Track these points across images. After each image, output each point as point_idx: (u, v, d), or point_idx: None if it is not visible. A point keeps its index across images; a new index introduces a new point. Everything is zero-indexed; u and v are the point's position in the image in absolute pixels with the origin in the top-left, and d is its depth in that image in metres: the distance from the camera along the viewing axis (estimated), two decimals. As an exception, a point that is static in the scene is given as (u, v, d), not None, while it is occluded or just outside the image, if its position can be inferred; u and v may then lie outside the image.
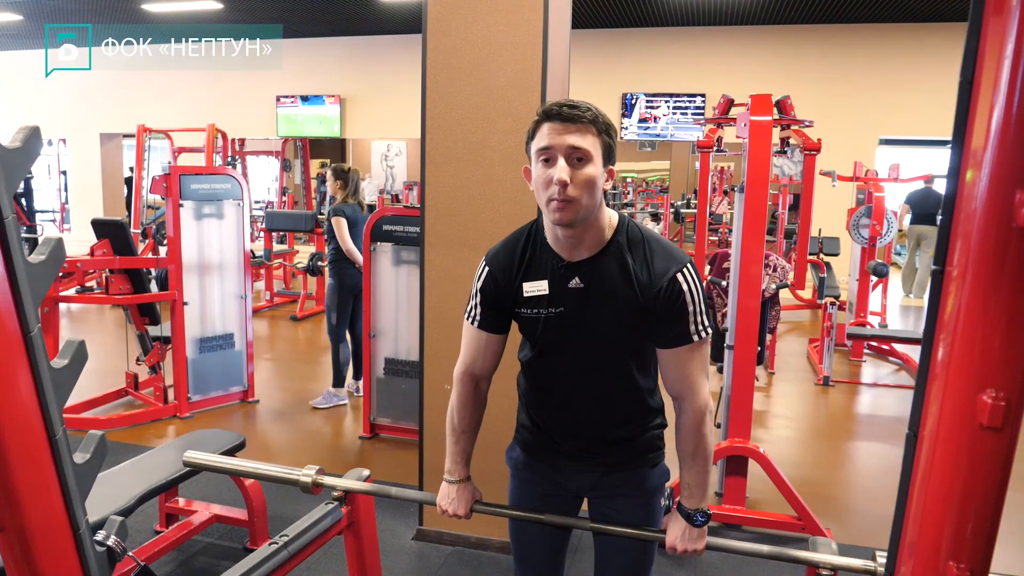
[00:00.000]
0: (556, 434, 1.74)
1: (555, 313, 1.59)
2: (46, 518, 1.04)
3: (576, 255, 1.57)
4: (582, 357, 1.62)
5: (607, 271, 1.56)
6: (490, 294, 1.67)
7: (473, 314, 1.71)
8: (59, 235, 2.98)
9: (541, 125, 1.51)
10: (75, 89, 13.21)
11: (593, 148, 1.48)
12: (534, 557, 1.88)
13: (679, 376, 1.59)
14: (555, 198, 1.46)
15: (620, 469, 1.73)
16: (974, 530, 0.79)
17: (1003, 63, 0.70)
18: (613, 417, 1.69)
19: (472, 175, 2.91)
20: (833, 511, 3.55)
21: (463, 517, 1.79)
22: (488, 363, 1.73)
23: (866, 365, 6.42)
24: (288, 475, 2.01)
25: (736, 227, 3.33)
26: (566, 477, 1.77)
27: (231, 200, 4.85)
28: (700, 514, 1.65)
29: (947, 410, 0.78)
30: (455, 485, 1.77)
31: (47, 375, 1.01)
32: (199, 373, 4.76)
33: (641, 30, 11.20)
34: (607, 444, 1.71)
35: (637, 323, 1.56)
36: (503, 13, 2.79)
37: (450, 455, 1.78)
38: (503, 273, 1.65)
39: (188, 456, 2.12)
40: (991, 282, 0.73)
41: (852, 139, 10.10)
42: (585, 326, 1.58)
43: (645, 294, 1.53)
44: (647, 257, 1.55)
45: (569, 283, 1.58)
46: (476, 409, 1.77)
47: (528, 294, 1.61)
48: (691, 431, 1.61)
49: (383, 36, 12.13)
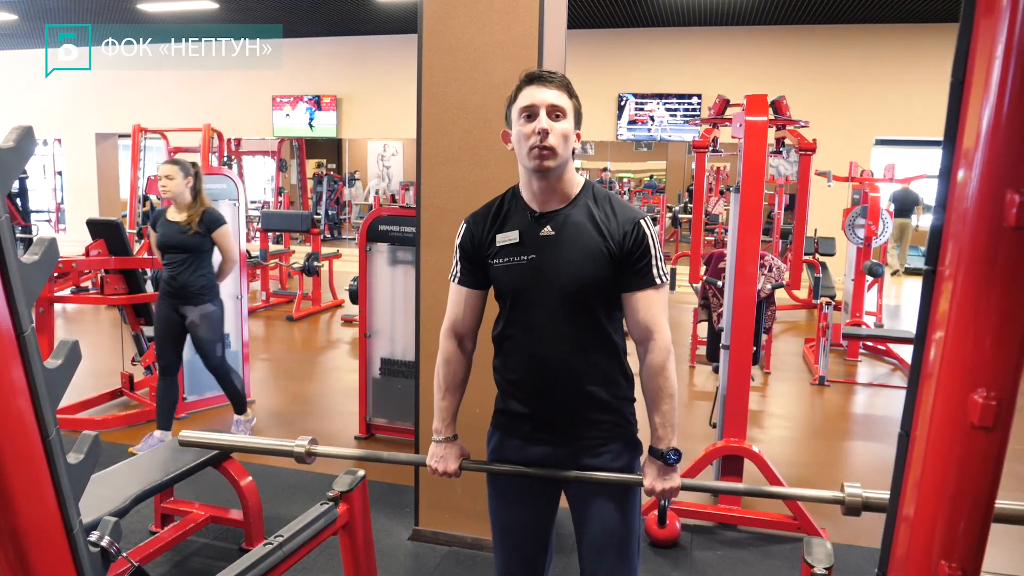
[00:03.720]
0: (534, 402, 1.79)
1: (527, 260, 1.73)
2: (39, 519, 1.04)
3: (547, 206, 1.74)
4: (554, 303, 1.72)
5: (576, 219, 1.72)
6: (468, 249, 1.82)
7: (454, 271, 1.85)
8: (53, 235, 2.96)
9: (523, 88, 1.70)
10: (71, 89, 13.19)
11: (568, 107, 1.70)
12: (519, 542, 1.88)
13: (644, 318, 1.72)
14: (536, 145, 1.65)
15: (596, 442, 1.78)
16: (966, 529, 0.79)
17: (994, 63, 0.70)
18: (583, 370, 1.74)
19: (468, 175, 2.91)
20: (828, 511, 3.55)
21: (453, 474, 1.85)
22: (469, 319, 1.85)
23: (861, 365, 6.43)
24: (281, 447, 2.07)
25: (732, 227, 3.34)
26: (543, 448, 1.80)
27: (227, 200, 4.84)
28: (672, 452, 1.72)
29: (939, 410, 0.78)
30: (443, 444, 1.85)
31: (41, 375, 1.01)
32: (194, 374, 4.74)
33: (637, 30, 11.21)
34: (583, 407, 1.76)
35: (604, 267, 1.70)
36: (499, 13, 2.79)
37: (437, 413, 1.86)
38: (478, 227, 1.81)
39: (183, 436, 2.19)
40: (982, 282, 0.73)
41: (848, 139, 10.12)
42: (556, 270, 1.71)
43: (613, 238, 1.70)
44: (612, 209, 1.74)
45: (541, 231, 1.73)
46: (460, 367, 1.86)
47: (500, 244, 1.76)
48: (657, 370, 1.71)
49: (379, 36, 12.13)
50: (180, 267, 3.95)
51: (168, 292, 3.98)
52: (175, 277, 3.95)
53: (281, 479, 3.76)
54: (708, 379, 5.86)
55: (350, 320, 7.56)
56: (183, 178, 3.95)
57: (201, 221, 3.94)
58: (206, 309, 4.00)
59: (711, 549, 3.18)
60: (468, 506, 3.10)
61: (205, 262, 4.02)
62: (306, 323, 7.86)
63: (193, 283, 3.95)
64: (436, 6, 2.85)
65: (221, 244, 4.05)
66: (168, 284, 3.98)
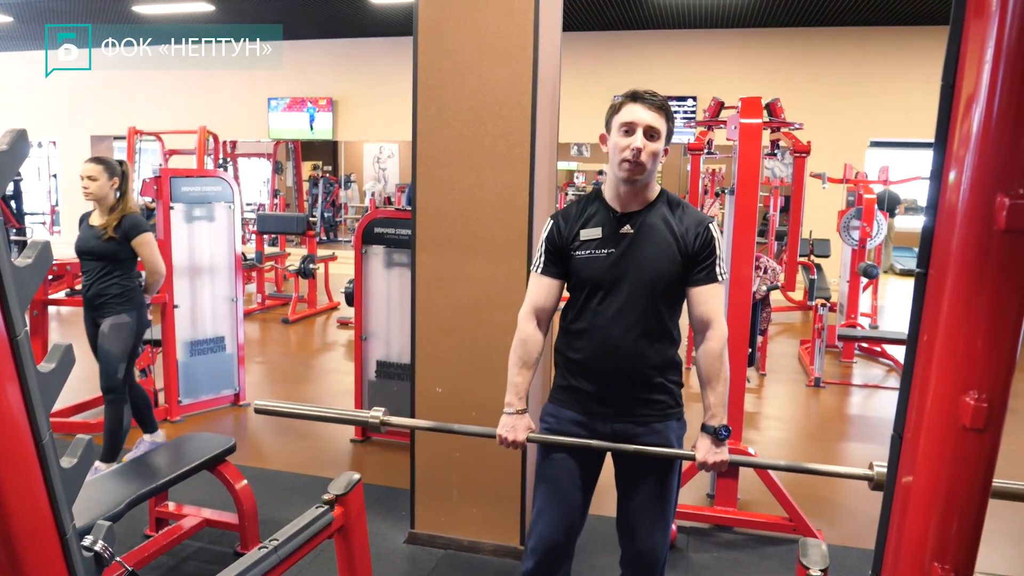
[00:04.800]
0: (599, 379, 1.98)
1: (606, 253, 1.95)
2: (32, 523, 1.04)
3: (628, 208, 1.97)
4: (627, 292, 1.93)
5: (652, 220, 1.96)
6: (554, 241, 2.03)
7: (537, 263, 2.06)
8: (47, 238, 2.95)
9: (627, 103, 1.92)
10: (66, 91, 13.16)
11: (663, 129, 1.91)
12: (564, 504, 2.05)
13: (706, 310, 1.94)
14: (628, 159, 1.88)
15: (649, 419, 1.99)
16: (958, 530, 0.79)
17: (983, 67, 0.71)
18: (647, 354, 1.95)
19: (463, 178, 2.91)
20: (824, 512, 3.56)
21: (520, 444, 2.01)
22: (549, 304, 2.05)
23: (857, 366, 6.44)
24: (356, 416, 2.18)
25: (727, 229, 3.34)
26: (601, 422, 2.00)
27: (222, 203, 4.83)
28: (724, 429, 1.92)
29: (930, 412, 0.78)
30: (513, 416, 2.02)
31: (34, 379, 1.00)
32: (190, 376, 4.74)
33: (632, 32, 11.23)
34: (642, 387, 1.97)
35: (674, 264, 1.93)
36: (494, 16, 2.79)
37: (511, 388, 2.03)
38: (565, 223, 2.03)
39: (258, 404, 2.23)
40: (973, 285, 0.74)
41: (842, 141, 10.15)
42: (631, 264, 1.93)
43: (684, 239, 1.93)
44: (684, 213, 1.98)
45: (621, 229, 1.96)
46: (536, 347, 2.05)
47: (584, 238, 1.98)
48: (716, 355, 1.93)
49: (375, 38, 12.13)
50: (94, 276, 3.57)
51: (86, 304, 3.62)
52: (89, 286, 3.58)
53: (277, 482, 3.76)
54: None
55: (346, 322, 7.55)
56: (108, 179, 3.55)
57: (118, 227, 3.52)
58: (120, 319, 3.55)
59: (707, 551, 3.18)
60: (464, 509, 3.10)
61: (122, 271, 3.60)
62: (302, 325, 7.85)
63: (107, 291, 3.56)
64: (431, 9, 2.85)
65: (141, 254, 3.61)
66: (84, 295, 3.62)
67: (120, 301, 3.57)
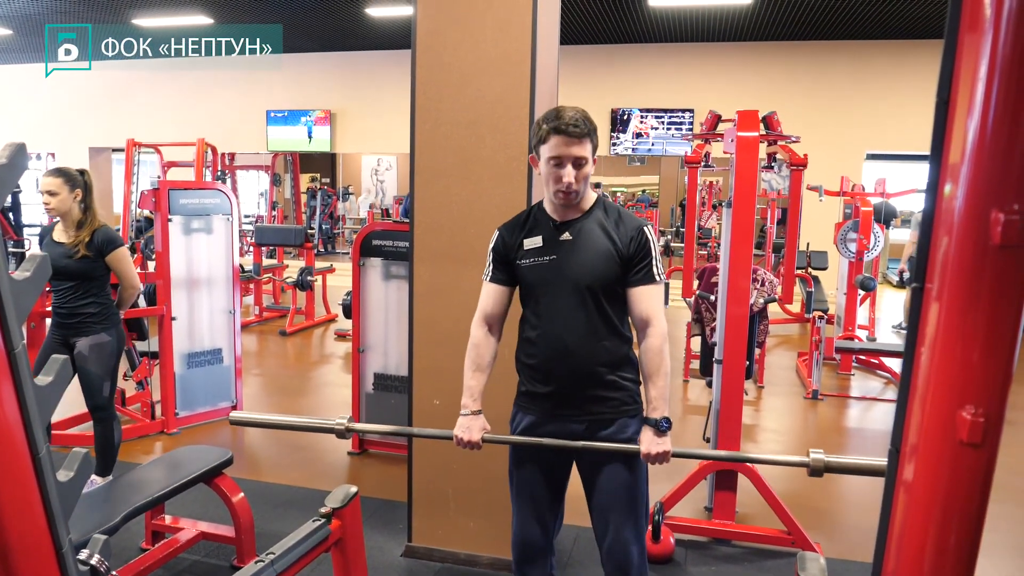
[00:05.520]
0: (552, 381, 2.08)
1: (548, 260, 2.07)
2: (28, 537, 1.03)
3: (566, 217, 2.09)
4: (571, 295, 2.04)
5: (589, 227, 2.07)
6: (499, 251, 2.16)
7: (487, 271, 2.19)
8: (46, 251, 2.93)
9: (551, 136, 1.98)
10: (64, 103, 13.20)
11: (588, 154, 2.01)
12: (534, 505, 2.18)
13: (645, 308, 2.05)
14: (562, 190, 2.01)
15: (606, 417, 2.08)
16: (956, 545, 0.79)
17: (978, 82, 0.71)
18: (596, 352, 2.05)
19: (461, 190, 2.92)
20: (823, 525, 3.55)
21: (476, 445, 2.11)
22: (497, 310, 2.18)
23: (854, 379, 6.44)
24: (322, 424, 2.28)
25: (724, 241, 3.35)
26: (559, 423, 2.09)
27: (220, 215, 4.84)
28: (664, 421, 2.02)
29: (927, 426, 0.79)
30: (469, 417, 2.12)
31: (31, 392, 1.00)
32: (187, 389, 4.73)
33: (629, 46, 11.29)
34: (595, 385, 2.06)
35: (612, 266, 2.03)
36: (491, 30, 2.81)
37: (466, 391, 2.14)
38: (509, 233, 2.15)
39: (235, 416, 2.36)
40: (969, 299, 0.74)
41: (839, 154, 10.19)
42: (572, 269, 2.05)
43: (621, 241, 2.04)
44: (619, 218, 2.09)
45: (560, 237, 2.07)
46: (487, 351, 2.17)
47: (527, 247, 2.10)
48: (656, 351, 2.03)
49: (373, 51, 12.18)
50: (68, 295, 3.42)
51: (57, 323, 3.47)
52: (62, 305, 3.43)
53: (273, 495, 3.74)
54: (701, 393, 5.86)
55: (343, 335, 7.54)
56: (69, 192, 3.38)
57: (91, 243, 3.37)
58: (99, 339, 3.43)
59: (706, 564, 3.17)
60: (462, 522, 3.09)
61: (97, 289, 3.47)
62: (299, 337, 7.84)
63: (83, 310, 3.42)
64: (429, 22, 2.87)
65: (117, 270, 3.50)
66: (56, 313, 3.47)
67: (97, 320, 3.45)
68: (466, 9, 2.83)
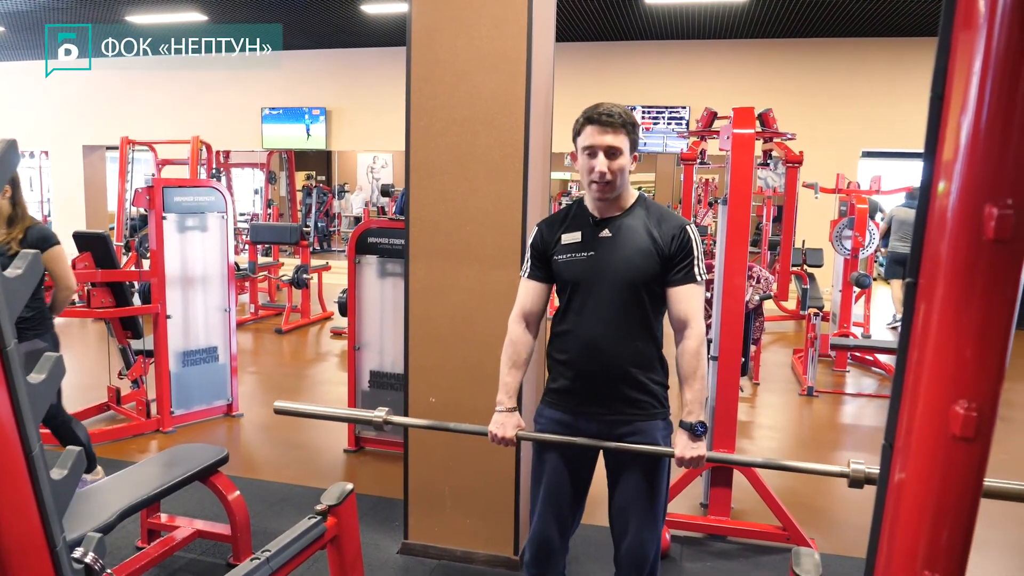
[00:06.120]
0: (583, 379, 2.05)
1: (586, 256, 2.04)
2: (22, 536, 1.03)
3: (607, 214, 2.07)
4: (607, 293, 2.01)
5: (629, 224, 2.04)
6: (538, 247, 2.14)
7: (525, 268, 2.18)
8: (37, 250, 2.89)
9: (585, 127, 1.99)
10: (58, 102, 13.14)
11: (623, 145, 1.98)
12: (558, 502, 2.14)
13: (684, 309, 2.01)
14: (596, 181, 1.98)
15: (634, 418, 2.05)
16: (948, 539, 0.79)
17: (971, 78, 0.71)
18: (629, 353, 2.02)
19: (457, 188, 2.92)
20: (817, 521, 3.56)
21: (510, 441, 2.09)
22: (536, 307, 2.16)
23: (850, 375, 6.46)
24: (361, 416, 2.31)
25: (720, 239, 3.35)
26: (587, 421, 2.07)
27: (215, 212, 4.83)
28: (700, 425, 1.99)
29: (920, 421, 0.79)
30: (504, 413, 2.10)
31: (24, 390, 1.00)
32: (182, 387, 4.72)
33: (625, 43, 11.28)
34: (625, 385, 2.03)
35: (652, 264, 2.00)
36: (487, 27, 2.80)
37: (502, 387, 2.12)
38: (548, 229, 2.14)
39: (279, 405, 2.33)
40: (963, 294, 0.74)
41: (834, 151, 10.20)
42: (610, 266, 2.02)
43: (662, 239, 2.00)
44: (660, 217, 2.06)
45: (600, 233, 2.05)
46: (525, 348, 2.15)
47: (565, 242, 2.08)
48: (693, 353, 1.99)
49: (368, 48, 12.15)
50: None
51: None
52: None
53: (269, 493, 3.74)
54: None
55: (339, 332, 7.54)
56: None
57: (24, 240, 3.16)
58: (34, 346, 3.19)
59: (701, 560, 3.18)
60: (458, 519, 3.09)
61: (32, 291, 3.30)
62: (295, 335, 7.82)
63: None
64: (425, 19, 2.87)
65: (52, 270, 3.30)
66: None
67: (31, 325, 3.22)
68: (461, 6, 2.82)
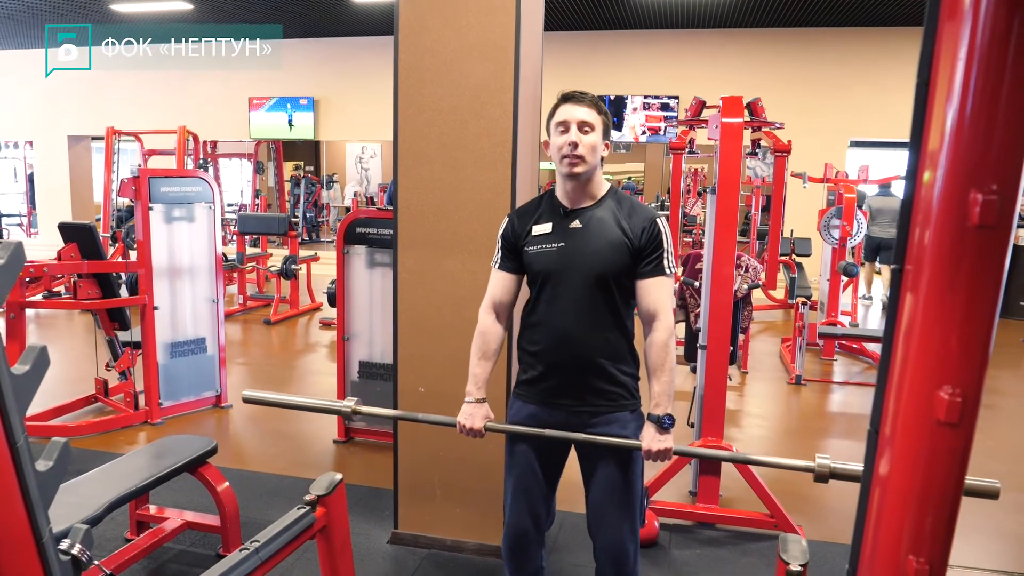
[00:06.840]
0: (553, 370, 2.05)
1: (556, 248, 2.03)
2: (7, 528, 1.02)
3: (577, 204, 2.06)
4: (577, 283, 2.01)
5: (600, 216, 2.04)
6: (509, 237, 2.13)
7: (496, 258, 2.17)
8: (20, 239, 2.87)
9: (559, 105, 2.02)
10: (42, 91, 12.99)
11: (596, 122, 2.00)
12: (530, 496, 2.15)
13: (653, 301, 2.01)
14: (567, 154, 1.98)
15: (604, 410, 2.05)
16: (933, 524, 0.80)
17: (956, 66, 0.72)
18: (599, 344, 2.02)
19: (445, 177, 2.91)
20: (805, 508, 3.59)
21: (478, 433, 2.10)
22: (506, 298, 2.15)
23: (837, 364, 6.50)
24: (330, 406, 2.33)
25: (709, 228, 3.36)
26: (557, 413, 2.07)
27: (202, 203, 4.79)
28: (667, 418, 1.99)
29: (906, 407, 0.79)
30: (472, 404, 2.11)
31: (8, 381, 0.99)
32: (170, 378, 4.69)
33: (614, 32, 11.26)
34: (595, 377, 2.03)
35: (622, 256, 1.99)
36: (475, 15, 2.79)
37: (471, 378, 2.12)
38: (519, 220, 2.13)
39: (247, 394, 2.36)
40: (948, 280, 0.74)
41: (822, 141, 10.24)
42: (581, 258, 2.01)
43: (632, 232, 2.00)
44: (631, 209, 2.05)
45: (570, 224, 2.04)
46: (494, 339, 2.14)
47: (536, 233, 2.07)
48: (661, 345, 2.00)
49: (356, 37, 12.07)
50: None
51: None
52: None
53: (258, 484, 3.73)
54: (686, 379, 5.89)
55: (328, 323, 7.52)
56: None
57: None
58: None
59: (689, 548, 3.20)
60: (447, 509, 3.10)
61: None
62: (284, 326, 7.80)
63: None
64: (412, 8, 2.85)
65: None
66: None
67: None
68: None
